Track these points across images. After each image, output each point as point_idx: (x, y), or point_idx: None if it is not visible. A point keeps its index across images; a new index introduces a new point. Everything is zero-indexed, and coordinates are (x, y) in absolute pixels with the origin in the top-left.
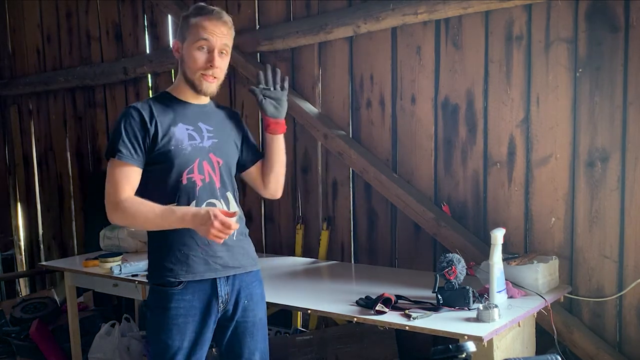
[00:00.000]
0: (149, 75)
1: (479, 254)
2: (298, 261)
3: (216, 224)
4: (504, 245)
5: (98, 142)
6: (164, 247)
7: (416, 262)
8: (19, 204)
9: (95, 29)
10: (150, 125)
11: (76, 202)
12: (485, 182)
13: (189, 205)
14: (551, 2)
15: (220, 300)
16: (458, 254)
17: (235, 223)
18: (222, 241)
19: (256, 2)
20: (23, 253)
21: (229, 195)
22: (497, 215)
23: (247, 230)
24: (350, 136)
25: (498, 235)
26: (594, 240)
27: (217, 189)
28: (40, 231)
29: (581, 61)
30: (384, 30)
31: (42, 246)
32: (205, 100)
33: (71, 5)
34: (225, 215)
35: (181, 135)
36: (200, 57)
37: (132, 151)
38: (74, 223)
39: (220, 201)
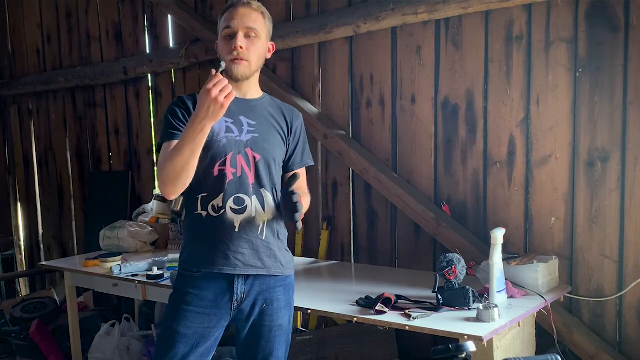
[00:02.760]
0: (149, 75)
1: (479, 254)
2: (298, 261)
3: (212, 92)
4: (504, 245)
5: (98, 142)
6: (192, 236)
7: (416, 262)
8: (19, 204)
9: (95, 29)
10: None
11: (76, 202)
12: (485, 182)
13: (218, 197)
14: (551, 2)
15: (235, 298)
16: (458, 254)
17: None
18: (231, 96)
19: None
20: (23, 253)
21: (264, 192)
22: (497, 215)
23: (286, 234)
24: (350, 136)
25: (498, 235)
26: (594, 240)
27: (250, 184)
28: (40, 231)
29: (581, 61)
30: (384, 30)
31: (42, 246)
32: (253, 94)
33: (71, 5)
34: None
35: (218, 126)
36: (227, 44)
37: (180, 130)
38: (74, 223)
39: (250, 197)
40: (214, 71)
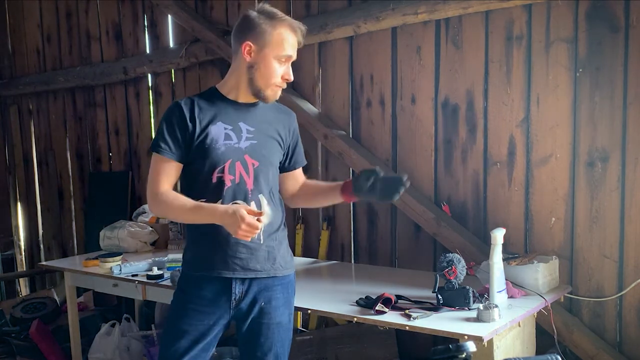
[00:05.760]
0: (149, 75)
1: (479, 254)
2: (298, 261)
3: (243, 226)
4: (504, 245)
5: (98, 142)
6: (193, 239)
7: (416, 262)
8: (19, 204)
9: (95, 29)
10: (190, 122)
11: (76, 202)
12: (485, 182)
13: (216, 203)
14: (551, 2)
15: (233, 298)
16: (458, 254)
17: (262, 223)
18: (249, 239)
19: (256, 2)
20: (23, 253)
21: (262, 197)
22: (497, 215)
23: (284, 233)
24: (350, 136)
25: (498, 235)
26: (594, 240)
27: (249, 190)
28: (40, 231)
29: (581, 61)
30: (384, 30)
31: (42, 246)
32: (254, 98)
33: (71, 5)
34: (252, 214)
35: (217, 134)
36: (280, 70)
37: (172, 146)
38: (74, 223)
39: (249, 203)
40: (259, 222)
